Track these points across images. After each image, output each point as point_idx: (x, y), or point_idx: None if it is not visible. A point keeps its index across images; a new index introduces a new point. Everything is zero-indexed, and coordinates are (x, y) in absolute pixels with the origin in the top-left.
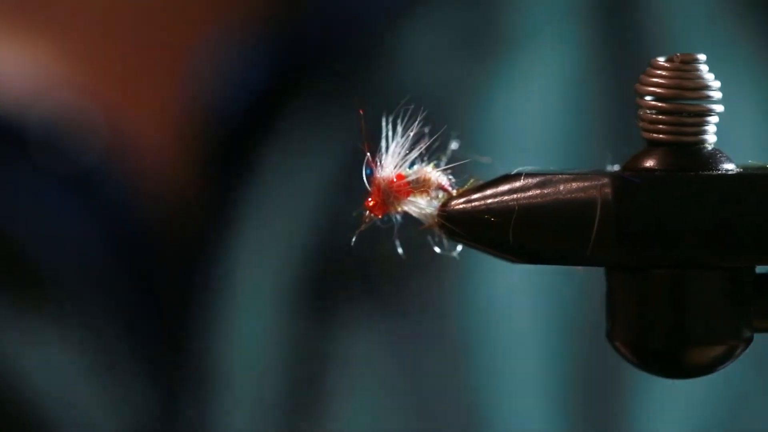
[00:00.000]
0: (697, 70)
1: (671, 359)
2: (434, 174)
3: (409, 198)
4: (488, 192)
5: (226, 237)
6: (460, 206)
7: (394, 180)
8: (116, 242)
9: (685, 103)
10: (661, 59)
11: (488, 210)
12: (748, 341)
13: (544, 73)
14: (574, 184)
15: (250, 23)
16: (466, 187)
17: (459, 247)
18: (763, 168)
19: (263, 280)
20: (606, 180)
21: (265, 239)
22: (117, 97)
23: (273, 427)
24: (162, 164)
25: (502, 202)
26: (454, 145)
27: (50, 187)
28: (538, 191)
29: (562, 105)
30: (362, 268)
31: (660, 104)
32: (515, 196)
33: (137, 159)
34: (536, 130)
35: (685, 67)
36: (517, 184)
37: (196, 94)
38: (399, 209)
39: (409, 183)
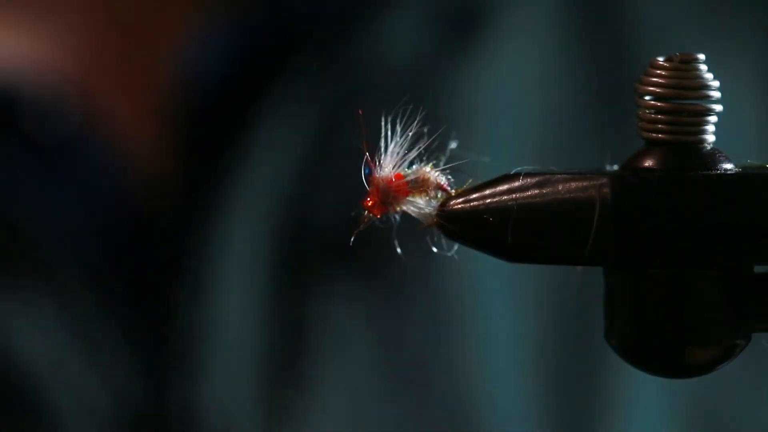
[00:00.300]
0: (696, 69)
1: (669, 359)
2: (433, 174)
3: (407, 198)
4: (487, 192)
5: (206, 212)
6: (459, 206)
7: (393, 180)
8: (98, 218)
9: (684, 102)
10: (660, 59)
11: (487, 210)
12: (747, 341)
13: (520, 49)
14: (573, 184)
15: (228, 3)
16: (464, 187)
17: (456, 247)
18: (763, 167)
19: (245, 255)
20: (604, 180)
21: (246, 214)
22: (98, 77)
23: (255, 401)
24: (141, 141)
25: (500, 202)
26: (453, 145)
27: (36, 161)
28: (536, 191)
29: (537, 83)
30: (343, 244)
31: (659, 104)
32: (514, 195)
33: (118, 136)
34: (511, 108)
35: (684, 66)
36: (516, 183)
37: (175, 72)
38: (398, 209)
39: (407, 183)
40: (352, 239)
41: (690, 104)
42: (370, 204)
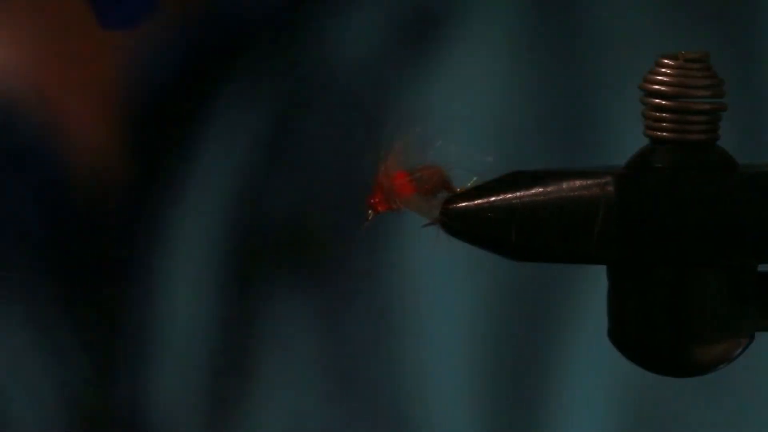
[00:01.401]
0: (702, 68)
1: (672, 358)
2: (438, 172)
3: (411, 195)
4: (491, 189)
5: (157, 211)
6: (463, 205)
7: (397, 177)
8: (52, 218)
9: (690, 101)
10: (665, 57)
11: (491, 208)
12: (750, 340)
13: (481, 50)
14: (577, 182)
15: (176, 3)
16: (469, 185)
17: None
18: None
19: (195, 253)
20: (609, 178)
21: (196, 214)
22: (50, 80)
23: (202, 398)
24: (93, 142)
25: (504, 200)
26: (457, 145)
27: None
28: (540, 189)
29: (500, 84)
30: (289, 242)
31: (663, 102)
32: (518, 194)
33: (70, 138)
34: (475, 111)
35: (689, 65)
36: (521, 181)
37: (125, 73)
38: (401, 207)
39: (412, 181)
40: (359, 233)
41: (695, 103)
42: (374, 201)
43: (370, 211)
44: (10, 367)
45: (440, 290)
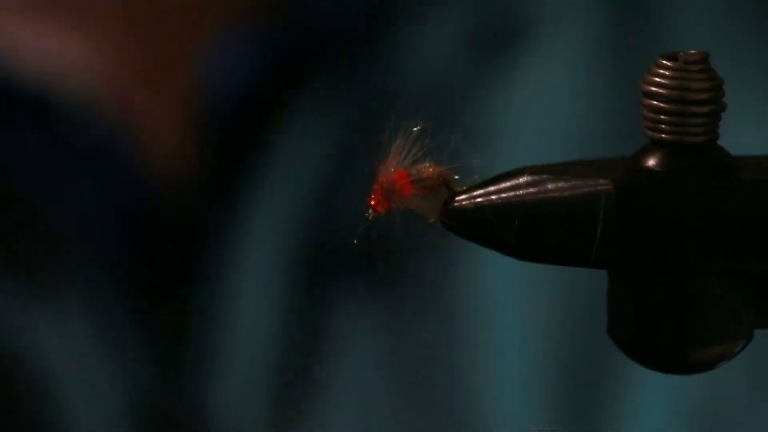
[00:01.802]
0: (702, 70)
1: (672, 357)
2: (438, 171)
3: (412, 195)
4: (491, 189)
5: (228, 214)
6: (463, 204)
7: (397, 177)
8: (125, 218)
9: (689, 103)
10: (664, 59)
11: (491, 207)
12: (749, 338)
13: (553, 67)
14: (578, 183)
15: (257, 13)
16: (469, 184)
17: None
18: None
19: (264, 258)
20: (608, 182)
21: (267, 218)
22: (130, 80)
23: (267, 405)
24: (170, 146)
25: (505, 199)
26: (458, 143)
27: (67, 163)
28: (541, 188)
29: (572, 99)
30: (359, 251)
31: (663, 105)
32: (519, 193)
33: (146, 139)
34: (545, 126)
35: (689, 67)
36: (521, 181)
37: (204, 79)
38: (402, 206)
39: (412, 181)
40: (355, 238)
41: (695, 105)
42: (373, 201)
43: (369, 211)
44: (78, 368)
45: (510, 301)
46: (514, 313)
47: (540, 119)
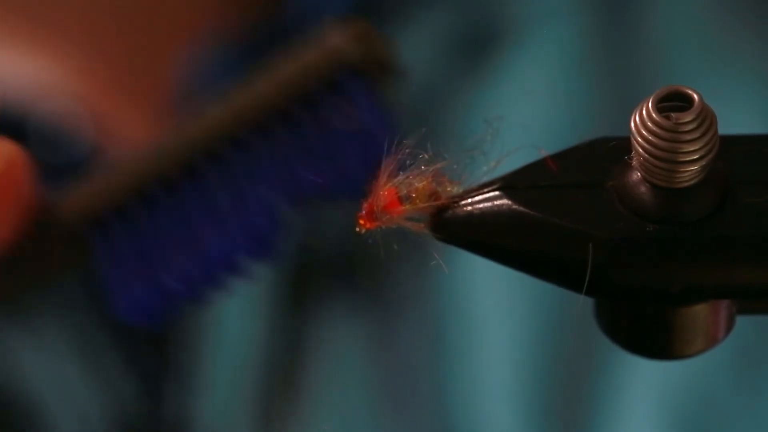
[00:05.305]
0: (693, 128)
1: (656, 352)
2: (426, 184)
3: (400, 213)
4: (478, 199)
5: None
6: (450, 215)
7: (386, 196)
8: None
9: (680, 163)
10: (655, 113)
11: (480, 215)
12: (731, 326)
13: (538, 68)
14: (564, 232)
15: (231, 27)
16: (458, 192)
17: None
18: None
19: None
20: (599, 233)
21: None
22: (107, 99)
23: (250, 416)
24: None
25: (492, 208)
26: (444, 151)
27: (45, 181)
28: (530, 205)
29: (557, 101)
30: (342, 262)
31: (653, 157)
32: (505, 201)
33: (123, 151)
34: (530, 128)
35: (681, 128)
36: (509, 192)
37: (183, 95)
38: (392, 224)
39: (400, 197)
40: (348, 252)
41: (686, 164)
42: (362, 219)
43: (358, 229)
44: (57, 383)
45: (493, 311)
46: (498, 323)
47: (525, 121)
